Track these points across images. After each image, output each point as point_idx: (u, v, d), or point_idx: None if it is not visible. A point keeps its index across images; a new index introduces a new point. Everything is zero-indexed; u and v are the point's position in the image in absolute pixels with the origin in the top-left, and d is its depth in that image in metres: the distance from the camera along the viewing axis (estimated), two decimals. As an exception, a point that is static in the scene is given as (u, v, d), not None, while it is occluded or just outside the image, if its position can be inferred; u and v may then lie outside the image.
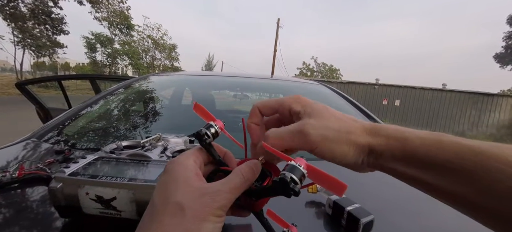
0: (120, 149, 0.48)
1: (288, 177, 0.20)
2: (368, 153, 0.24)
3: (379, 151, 0.23)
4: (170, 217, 0.20)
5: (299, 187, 0.20)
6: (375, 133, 0.24)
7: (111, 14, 17.29)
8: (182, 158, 0.24)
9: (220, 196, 0.21)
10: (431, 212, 0.53)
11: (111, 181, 0.35)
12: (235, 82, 1.59)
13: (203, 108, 0.29)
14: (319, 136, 0.23)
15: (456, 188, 0.20)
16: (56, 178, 0.36)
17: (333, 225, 0.43)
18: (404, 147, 0.22)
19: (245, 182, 0.22)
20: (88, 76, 1.99)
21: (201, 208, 0.20)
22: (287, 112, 0.27)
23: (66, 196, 0.36)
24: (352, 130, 0.24)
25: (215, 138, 0.27)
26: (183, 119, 1.16)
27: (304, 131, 0.24)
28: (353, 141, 0.24)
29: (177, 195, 0.20)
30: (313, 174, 0.21)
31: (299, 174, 0.20)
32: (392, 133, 0.23)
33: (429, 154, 0.21)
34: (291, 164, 0.21)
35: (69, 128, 0.90)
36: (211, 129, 0.26)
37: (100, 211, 0.36)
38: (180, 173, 0.22)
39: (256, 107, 0.28)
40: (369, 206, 0.42)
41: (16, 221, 0.41)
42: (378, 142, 0.23)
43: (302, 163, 0.21)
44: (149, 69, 18.85)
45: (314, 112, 0.25)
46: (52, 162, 0.59)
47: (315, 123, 0.24)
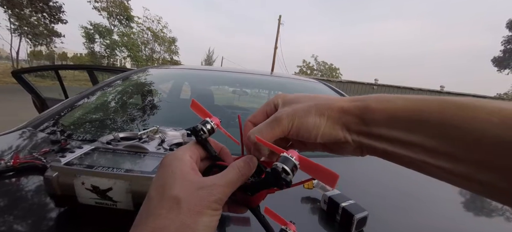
0: (117, 140, 0.48)
1: (280, 167, 0.20)
2: (346, 122, 0.23)
3: (358, 115, 0.22)
4: (166, 211, 0.20)
5: (291, 178, 0.20)
6: (353, 99, 0.23)
7: (111, 4, 17.08)
8: (179, 152, 0.24)
9: (216, 189, 0.21)
10: (424, 209, 0.54)
11: (107, 171, 0.35)
12: (235, 78, 1.58)
13: (199, 105, 0.29)
14: (290, 117, 0.24)
15: (444, 147, 0.19)
16: (52, 167, 0.36)
17: (328, 220, 0.43)
18: (385, 108, 0.21)
19: (241, 176, 0.23)
20: (86, 66, 1.97)
21: (198, 201, 0.20)
22: (274, 109, 0.27)
23: (61, 186, 0.36)
24: (324, 102, 0.24)
25: (211, 134, 0.27)
26: (181, 113, 1.15)
27: (277, 117, 0.24)
28: (325, 110, 0.23)
29: (174, 189, 0.21)
30: (305, 165, 0.21)
31: (290, 165, 0.20)
32: (372, 97, 0.23)
33: (414, 113, 0.20)
34: (283, 156, 0.21)
35: (65, 119, 0.90)
36: (207, 125, 0.26)
37: (95, 201, 0.36)
38: (177, 167, 0.22)
39: (248, 122, 0.29)
40: (364, 202, 0.43)
41: (10, 210, 0.40)
42: (355, 104, 0.23)
43: (294, 154, 0.21)
44: (148, 62, 18.70)
45: (291, 101, 0.26)
46: (47, 152, 0.59)
47: (288, 108, 0.25)
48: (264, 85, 1.66)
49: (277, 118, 0.24)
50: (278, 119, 0.24)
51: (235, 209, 0.26)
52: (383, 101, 0.22)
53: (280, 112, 0.25)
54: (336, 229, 0.42)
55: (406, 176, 0.70)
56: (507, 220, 0.58)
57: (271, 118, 0.25)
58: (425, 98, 0.21)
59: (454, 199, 0.63)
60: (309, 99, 0.25)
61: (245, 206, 0.26)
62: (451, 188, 0.71)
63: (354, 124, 0.23)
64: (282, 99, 0.27)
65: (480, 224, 0.54)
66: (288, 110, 0.24)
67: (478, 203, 0.66)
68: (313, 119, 0.23)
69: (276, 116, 0.24)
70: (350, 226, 0.40)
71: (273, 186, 0.22)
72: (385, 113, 0.21)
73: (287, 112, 0.24)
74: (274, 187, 0.22)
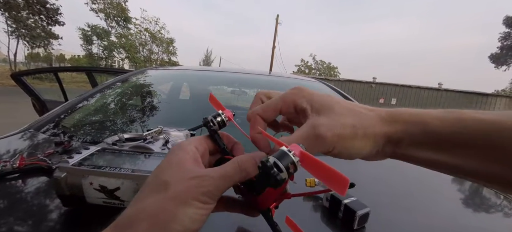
0: (122, 141, 0.48)
1: (271, 162, 0.17)
2: (385, 142, 0.22)
3: (397, 139, 0.22)
4: (153, 193, 0.19)
5: (285, 177, 0.17)
6: (392, 120, 0.23)
7: (108, 6, 17.02)
8: (184, 142, 0.23)
9: (207, 181, 0.19)
10: (425, 206, 0.55)
11: (115, 171, 0.36)
12: (233, 78, 1.59)
13: (216, 99, 0.29)
14: (335, 137, 0.21)
15: (487, 167, 0.19)
16: (60, 167, 0.37)
17: (330, 217, 0.44)
18: (424, 131, 0.21)
19: (239, 171, 0.20)
20: (85, 68, 1.97)
21: (185, 190, 0.19)
22: (292, 109, 0.25)
23: (70, 186, 0.36)
24: (368, 122, 0.22)
25: (222, 127, 0.26)
26: (181, 113, 1.16)
27: (319, 135, 0.21)
28: (370, 134, 0.22)
29: (166, 174, 0.20)
30: (309, 164, 0.18)
31: (286, 161, 0.17)
32: (409, 118, 0.22)
33: (452, 136, 0.20)
34: (280, 149, 0.18)
35: (67, 121, 0.90)
36: (217, 118, 0.26)
37: (103, 201, 0.37)
38: (177, 156, 0.21)
39: (257, 115, 0.26)
40: (366, 199, 0.44)
41: (18, 211, 0.41)
42: (395, 129, 0.22)
43: (296, 149, 0.18)
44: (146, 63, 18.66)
45: (323, 107, 0.23)
46: (52, 153, 0.59)
47: (328, 122, 0.22)
48: (263, 85, 1.66)
49: (319, 136, 0.21)
50: (320, 138, 0.21)
51: (247, 211, 0.25)
52: (419, 123, 0.21)
53: (320, 128, 0.22)
54: (338, 226, 0.42)
55: (408, 174, 0.71)
56: (506, 216, 0.60)
57: (309, 132, 0.22)
58: (462, 119, 0.20)
59: (455, 196, 0.64)
60: (347, 109, 0.23)
61: (254, 208, 0.24)
62: (452, 185, 0.72)
63: (389, 147, 0.23)
64: (309, 102, 0.24)
65: (480, 220, 0.56)
66: (331, 127, 0.22)
67: (477, 200, 0.67)
68: (359, 143, 0.22)
69: (317, 134, 0.21)
70: (352, 223, 0.41)
71: (265, 185, 0.19)
72: (424, 137, 0.21)
73: (331, 130, 0.21)
74: (265, 184, 0.19)
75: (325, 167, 0.17)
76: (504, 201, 0.65)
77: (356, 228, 0.40)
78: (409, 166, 0.25)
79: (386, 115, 0.23)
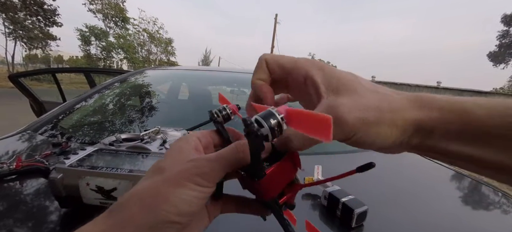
0: (119, 141, 0.48)
1: (253, 119, 0.16)
2: (413, 132, 0.19)
3: (428, 129, 0.18)
4: (147, 179, 0.19)
5: (267, 134, 0.16)
6: (424, 105, 0.19)
7: (106, 6, 16.97)
8: (188, 135, 0.23)
9: (202, 163, 0.19)
10: (422, 204, 0.55)
11: (111, 172, 0.35)
12: (232, 78, 1.59)
13: (224, 98, 0.29)
14: (357, 121, 0.18)
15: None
16: (56, 168, 0.36)
17: (329, 216, 0.44)
18: (465, 121, 0.17)
19: (235, 152, 0.19)
20: (83, 69, 1.96)
21: (179, 172, 0.18)
22: (302, 78, 0.22)
23: (66, 187, 0.36)
24: (397, 105, 0.19)
25: (226, 120, 0.26)
26: (180, 113, 1.16)
27: (339, 117, 0.18)
28: (398, 120, 0.19)
29: (164, 161, 0.20)
30: (295, 119, 0.16)
31: (271, 120, 0.16)
32: (447, 105, 0.18)
33: (502, 129, 0.16)
34: (267, 110, 0.17)
35: (65, 122, 0.90)
36: (223, 111, 0.26)
37: (100, 202, 0.36)
38: (178, 145, 0.21)
39: (264, 60, 0.23)
40: (363, 197, 0.44)
41: (15, 212, 0.41)
42: (429, 116, 0.18)
43: (282, 109, 0.17)
44: (144, 63, 18.63)
45: (343, 86, 0.20)
46: (49, 155, 0.59)
47: (349, 102, 0.19)
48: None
49: (339, 120, 0.18)
50: (339, 121, 0.18)
51: (257, 210, 0.24)
52: (458, 111, 0.18)
53: (339, 108, 0.18)
54: (337, 224, 0.42)
55: (405, 172, 0.71)
56: (504, 213, 0.60)
57: (325, 111, 0.19)
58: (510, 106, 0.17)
59: (452, 194, 0.64)
60: (370, 91, 0.20)
61: (258, 198, 0.22)
62: (450, 182, 0.72)
63: (418, 138, 0.19)
64: (326, 77, 0.21)
65: (478, 217, 0.56)
66: (353, 109, 0.18)
67: (476, 197, 0.67)
68: (385, 131, 0.19)
69: (335, 115, 0.18)
70: (350, 221, 0.41)
71: (254, 151, 0.18)
72: (463, 128, 0.18)
73: (353, 113, 0.18)
74: (254, 149, 0.18)
75: (308, 115, 0.15)
76: (502, 198, 0.65)
77: (354, 226, 0.40)
78: (406, 163, 0.24)
79: (416, 99, 0.19)
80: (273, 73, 0.23)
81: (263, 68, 0.23)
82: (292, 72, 0.22)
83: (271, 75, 0.23)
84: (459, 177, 0.75)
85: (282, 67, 0.23)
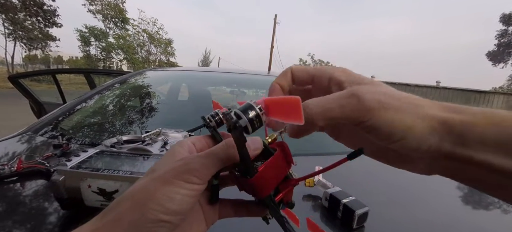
0: (120, 143, 0.48)
1: (231, 112, 0.17)
2: (443, 133, 0.17)
3: (460, 132, 0.17)
4: (140, 180, 0.19)
5: (244, 124, 0.17)
6: (452, 109, 0.18)
7: (106, 7, 16.98)
8: (182, 140, 0.23)
9: (192, 160, 0.19)
10: (423, 204, 0.55)
11: (113, 174, 0.36)
12: (232, 78, 1.59)
13: (218, 104, 0.30)
14: (376, 102, 0.17)
15: None
16: (58, 170, 0.37)
17: (330, 217, 0.44)
18: (501, 129, 0.16)
19: (226, 148, 0.19)
20: (83, 70, 1.97)
21: (169, 170, 0.18)
22: (326, 81, 0.22)
23: (68, 189, 0.36)
24: (420, 102, 0.18)
25: (219, 125, 0.26)
26: (180, 114, 1.16)
27: (357, 93, 0.18)
28: (422, 113, 0.17)
29: (158, 163, 0.20)
30: (272, 108, 0.17)
31: (249, 110, 0.17)
32: (478, 110, 0.17)
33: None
34: (246, 103, 0.18)
35: (65, 123, 0.90)
36: (215, 116, 0.26)
37: (101, 204, 0.36)
38: (172, 149, 0.21)
39: (290, 69, 0.24)
40: (364, 199, 0.44)
41: (16, 214, 0.41)
42: (459, 118, 0.17)
43: (261, 100, 0.18)
44: (144, 64, 18.63)
45: (365, 80, 0.20)
46: (50, 156, 0.59)
47: (369, 87, 0.18)
48: (262, 85, 1.66)
49: (355, 94, 0.18)
50: (356, 96, 0.17)
51: (254, 212, 0.23)
52: (496, 118, 0.16)
53: (359, 88, 0.18)
54: (338, 225, 0.42)
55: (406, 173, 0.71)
56: (504, 213, 0.60)
57: (345, 93, 0.18)
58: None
59: (452, 194, 0.64)
60: (393, 89, 0.19)
61: (254, 197, 0.22)
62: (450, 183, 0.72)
63: (449, 143, 0.17)
64: (349, 76, 0.20)
65: (479, 218, 0.56)
66: (373, 91, 0.18)
67: (476, 197, 0.67)
68: (406, 118, 0.17)
69: (353, 92, 0.18)
70: (351, 222, 0.41)
71: (237, 143, 0.18)
72: (498, 135, 0.16)
73: (372, 94, 0.18)
74: (237, 143, 0.18)
75: (279, 100, 0.16)
76: (502, 198, 0.65)
77: (355, 227, 0.41)
78: None
79: (444, 104, 0.19)
80: (297, 79, 0.24)
81: (286, 75, 0.24)
82: (316, 75, 0.23)
83: (294, 82, 0.24)
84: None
85: (308, 72, 0.23)
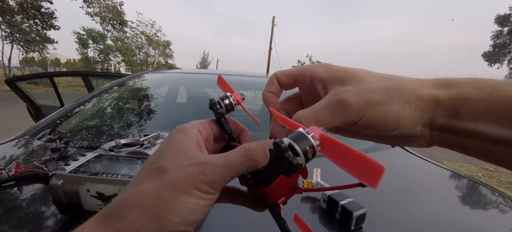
0: (119, 147, 0.48)
1: (286, 143, 0.15)
2: (435, 111, 0.18)
3: (452, 107, 0.17)
4: (149, 180, 0.17)
5: (302, 162, 0.15)
6: (442, 84, 0.18)
7: (103, 9, 16.96)
8: (186, 125, 0.21)
9: (209, 169, 0.17)
10: (422, 205, 0.55)
11: (112, 178, 0.36)
12: (230, 80, 1.58)
13: (224, 81, 0.27)
14: (362, 102, 0.18)
15: None
16: (57, 175, 0.37)
17: (328, 219, 0.44)
18: (493, 98, 0.16)
19: (246, 161, 0.18)
20: (81, 73, 1.96)
21: (184, 178, 0.17)
22: (308, 80, 0.22)
23: (66, 193, 0.36)
24: (408, 85, 0.18)
25: (229, 111, 0.24)
26: (179, 117, 1.16)
27: (343, 100, 0.18)
28: (412, 97, 0.18)
29: (165, 159, 0.18)
30: (331, 149, 0.15)
31: (304, 144, 0.15)
32: (469, 82, 0.17)
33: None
34: (297, 131, 0.15)
35: (63, 126, 0.90)
36: (225, 100, 0.24)
37: (100, 208, 0.36)
38: (178, 139, 0.19)
39: (274, 76, 0.24)
40: (362, 200, 0.44)
41: (14, 219, 0.41)
42: (448, 93, 0.17)
43: (316, 132, 0.15)
44: (142, 66, 18.61)
45: (349, 76, 0.19)
46: (48, 160, 0.59)
47: (353, 89, 0.18)
48: (260, 87, 1.67)
49: (341, 102, 0.18)
50: (342, 103, 0.18)
51: (253, 204, 0.22)
52: (486, 88, 0.16)
53: (342, 93, 0.18)
54: (336, 227, 0.43)
55: (403, 173, 0.72)
56: (501, 213, 0.60)
57: (330, 100, 0.19)
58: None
59: (451, 195, 0.65)
60: (378, 77, 0.19)
61: (261, 201, 0.21)
62: (449, 183, 0.73)
63: (442, 117, 0.17)
64: (331, 72, 0.20)
65: (477, 218, 0.56)
66: (358, 92, 0.18)
67: (474, 197, 0.68)
68: (396, 108, 0.18)
69: (339, 99, 0.18)
70: (349, 224, 0.41)
71: (277, 172, 0.17)
72: (490, 105, 0.16)
73: (355, 94, 0.18)
74: (279, 173, 0.17)
75: (352, 152, 0.13)
76: (499, 198, 0.66)
77: (353, 229, 0.41)
78: (405, 164, 0.24)
79: (434, 80, 0.19)
80: (283, 84, 0.24)
81: (273, 82, 0.24)
82: (299, 77, 0.23)
83: (281, 87, 0.24)
84: (457, 177, 0.76)
85: (290, 75, 0.24)
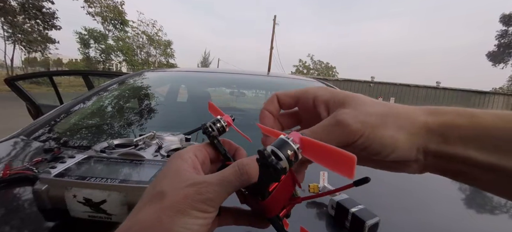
0: (111, 147, 0.45)
1: (268, 150, 0.16)
2: (426, 137, 0.19)
3: (441, 132, 0.19)
4: (148, 205, 0.18)
5: (285, 166, 0.16)
6: (432, 111, 0.20)
7: (105, 9, 17.00)
8: (183, 151, 0.22)
9: (205, 188, 0.18)
10: (437, 213, 0.52)
11: (100, 182, 0.32)
12: (232, 79, 1.56)
13: (214, 106, 0.28)
14: (360, 124, 0.19)
15: None
16: (41, 179, 0.33)
17: (337, 227, 0.41)
18: (472, 123, 0.18)
19: (240, 176, 0.19)
20: (81, 72, 1.94)
21: (181, 199, 0.17)
22: (311, 101, 0.23)
23: (51, 199, 0.33)
24: (403, 112, 0.20)
25: (221, 133, 0.25)
26: (178, 116, 1.13)
27: (341, 121, 0.19)
28: (405, 124, 0.19)
29: (163, 184, 0.19)
30: (311, 150, 0.16)
31: (286, 149, 0.16)
32: (453, 110, 0.19)
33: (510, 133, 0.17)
34: (279, 138, 0.16)
35: (59, 126, 0.87)
36: (217, 124, 0.25)
37: (88, 215, 0.33)
38: (175, 165, 0.20)
39: (275, 96, 0.25)
40: (374, 208, 0.41)
41: (0, 224, 0.38)
42: (437, 120, 0.19)
43: (295, 137, 0.17)
44: (144, 65, 18.62)
45: (349, 100, 0.20)
46: (40, 161, 0.56)
47: (352, 111, 0.19)
48: (261, 86, 1.64)
49: (340, 123, 0.19)
50: (341, 124, 0.19)
51: (255, 222, 0.23)
52: (466, 116, 0.18)
53: (343, 115, 0.19)
54: None
55: (417, 180, 0.68)
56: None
57: (330, 120, 0.20)
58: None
59: (467, 201, 0.61)
60: (376, 103, 0.20)
61: (262, 215, 0.22)
62: (464, 189, 0.69)
63: (434, 143, 0.19)
64: (333, 95, 0.21)
65: (490, 222, 0.53)
66: (356, 115, 0.19)
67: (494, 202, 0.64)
68: (391, 133, 0.19)
69: (338, 120, 0.19)
70: (360, 233, 0.37)
71: (267, 180, 0.18)
72: (473, 131, 0.18)
73: (354, 116, 0.19)
74: (269, 180, 0.18)
75: (327, 149, 0.15)
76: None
77: (365, 238, 0.37)
78: None
79: (426, 108, 0.20)
80: (283, 104, 0.25)
81: (273, 101, 0.25)
82: (301, 97, 0.24)
83: (281, 107, 0.25)
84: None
85: (291, 96, 0.24)
